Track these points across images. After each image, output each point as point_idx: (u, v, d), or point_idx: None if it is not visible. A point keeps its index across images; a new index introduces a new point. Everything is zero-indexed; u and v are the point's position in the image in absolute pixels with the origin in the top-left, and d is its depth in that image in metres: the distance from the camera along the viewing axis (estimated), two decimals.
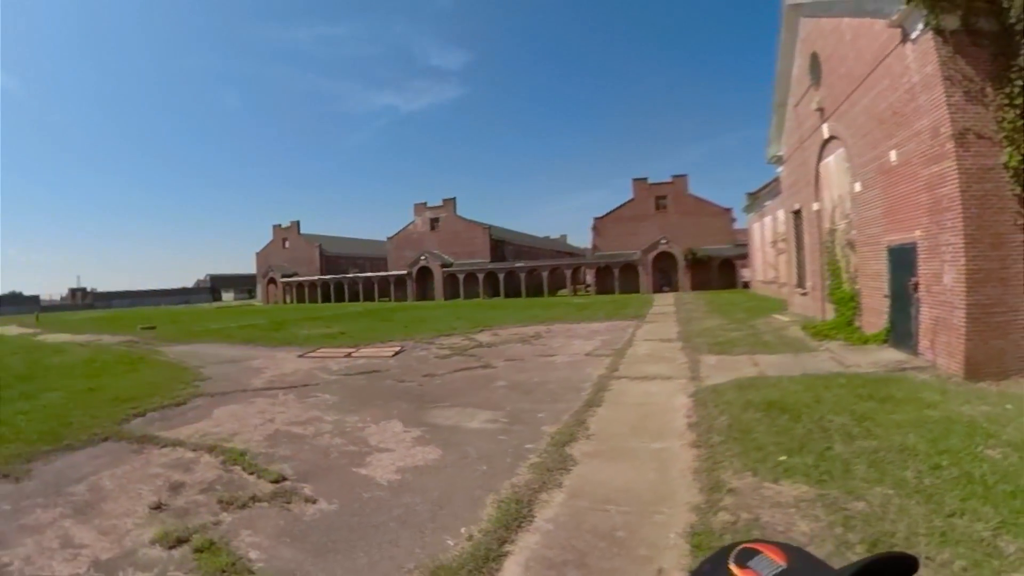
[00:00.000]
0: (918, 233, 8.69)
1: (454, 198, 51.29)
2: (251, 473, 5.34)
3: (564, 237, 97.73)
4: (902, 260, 9.26)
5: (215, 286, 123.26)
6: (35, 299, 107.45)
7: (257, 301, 70.98)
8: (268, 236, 67.20)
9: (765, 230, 26.90)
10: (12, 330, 36.16)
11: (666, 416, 6.26)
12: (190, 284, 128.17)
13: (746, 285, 37.08)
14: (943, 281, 8.04)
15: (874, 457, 4.39)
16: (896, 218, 9.51)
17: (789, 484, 3.96)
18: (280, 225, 66.59)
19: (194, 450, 6.30)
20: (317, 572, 3.40)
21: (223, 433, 6.98)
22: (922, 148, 8.41)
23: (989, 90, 7.91)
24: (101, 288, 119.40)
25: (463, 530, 3.73)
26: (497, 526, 3.69)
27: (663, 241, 41.28)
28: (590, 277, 45.35)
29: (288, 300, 61.07)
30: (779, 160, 18.01)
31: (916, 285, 8.80)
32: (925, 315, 8.60)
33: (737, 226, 42.70)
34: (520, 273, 46.33)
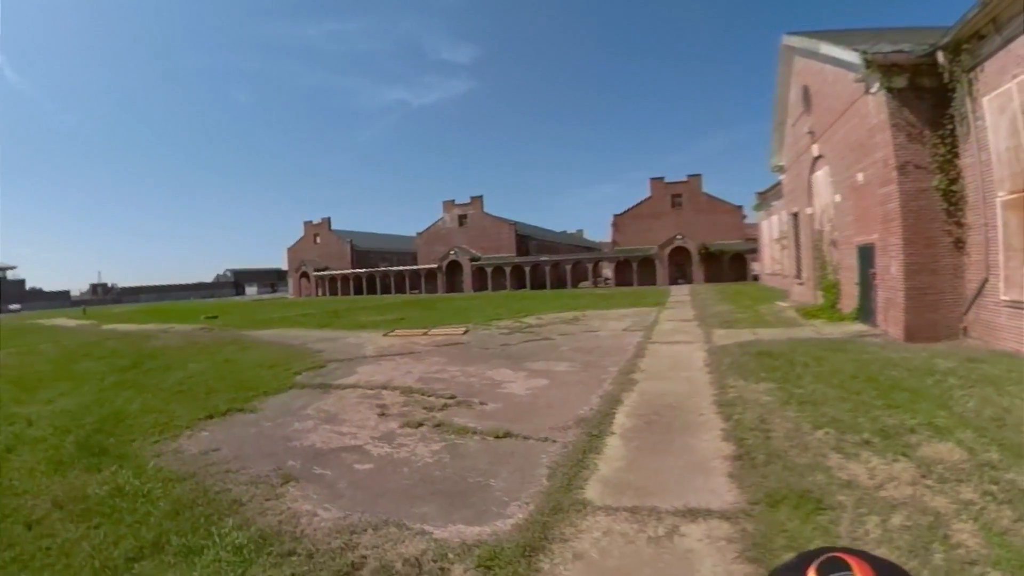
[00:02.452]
0: (875, 236, 11.66)
1: (481, 196, 54.84)
2: (428, 396, 8.35)
3: (581, 232, 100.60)
4: (866, 256, 12.24)
5: (238, 281, 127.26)
6: (64, 294, 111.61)
7: (288, 294, 74.66)
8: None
9: (772, 228, 29.75)
10: (69, 323, 37.33)
11: (689, 361, 9.37)
12: (203, 279, 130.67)
13: (756, 278, 39.92)
14: (891, 271, 11.01)
15: (818, 374, 7.46)
16: (862, 224, 12.48)
17: (763, 384, 7.06)
18: (311, 221, 70.22)
19: (371, 389, 9.22)
20: (517, 426, 6.27)
21: (380, 380, 9.96)
22: (878, 173, 11.36)
23: (927, 132, 10.83)
24: (114, 283, 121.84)
25: (585, 407, 6.84)
26: (604, 404, 6.81)
27: (679, 237, 44.30)
28: (610, 271, 48.50)
29: (320, 293, 64.62)
30: (780, 169, 20.94)
31: (874, 275, 11.79)
32: (880, 297, 11.59)
33: (748, 222, 45.53)
34: (545, 267, 49.64)
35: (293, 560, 3.53)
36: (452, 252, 53.89)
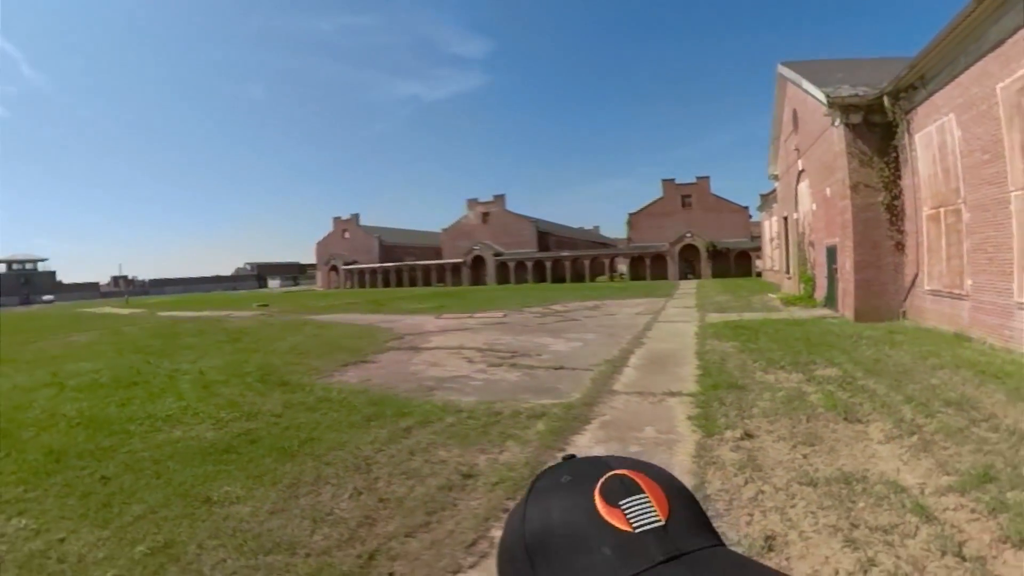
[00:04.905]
0: (837, 239, 14.74)
1: (503, 195, 58.45)
2: (497, 352, 11.59)
3: (597, 228, 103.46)
4: (832, 255, 15.32)
5: (260, 274, 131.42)
6: (94, 286, 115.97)
7: (316, 286, 78.53)
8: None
9: (772, 228, 32.69)
10: (121, 311, 39.78)
11: (684, 333, 12.61)
12: (220, 272, 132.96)
13: (759, 274, 42.79)
14: (846, 267, 14.09)
15: (772, 338, 10.66)
16: (829, 229, 15.56)
17: (731, 343, 10.30)
18: (340, 217, 73.98)
19: (453, 349, 12.48)
20: (566, 364, 9.54)
21: (455, 344, 13.20)
22: (838, 190, 14.42)
23: (876, 159, 13.85)
24: (135, 275, 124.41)
25: (609, 355, 10.11)
26: (622, 354, 10.08)
27: (688, 235, 47.35)
28: (625, 266, 51.68)
29: (349, 286, 68.30)
30: (776, 178, 23.97)
31: (836, 270, 14.89)
32: (839, 287, 14.69)
33: (754, 221, 48.39)
34: (565, 262, 53.02)
35: (463, 412, 6.75)
36: (476, 247, 57.39)
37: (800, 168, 18.96)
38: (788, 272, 22.40)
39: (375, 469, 4.78)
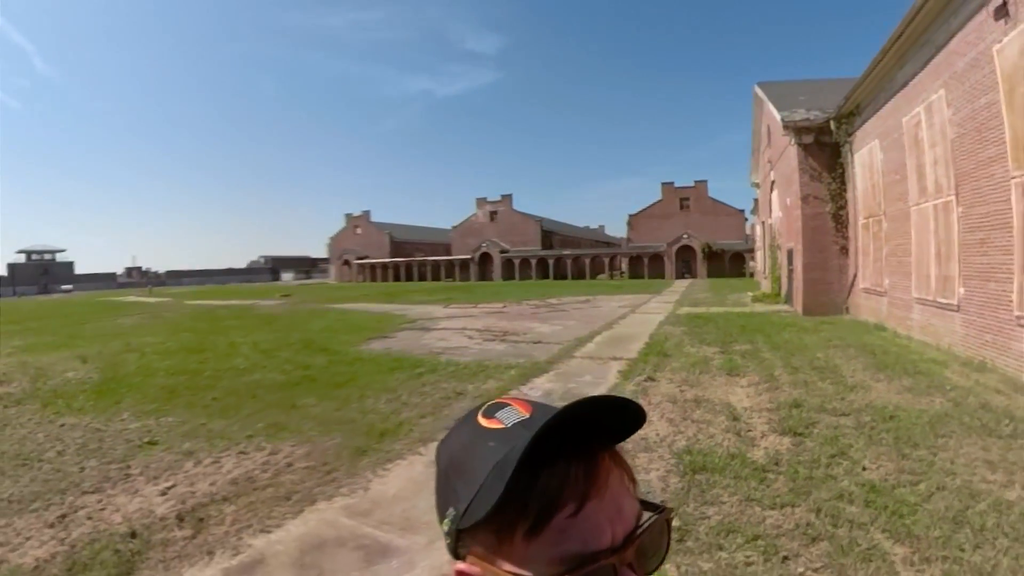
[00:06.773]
0: (792, 244, 17.00)
1: (511, 195, 60.91)
2: (492, 332, 14.01)
3: (602, 227, 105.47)
4: (789, 257, 17.59)
5: (275, 267, 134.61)
6: (111, 276, 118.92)
7: (330, 279, 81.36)
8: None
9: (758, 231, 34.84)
10: (148, 300, 42.53)
11: (650, 321, 14.99)
12: (231, 264, 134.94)
13: (752, 275, 44.84)
14: (797, 268, 16.36)
15: (719, 326, 13.00)
16: (789, 235, 17.82)
17: (680, 328, 12.67)
18: (352, 214, 76.73)
19: (457, 329, 14.98)
20: (544, 339, 12.06)
21: (459, 326, 15.69)
22: (794, 201, 16.68)
23: (825, 174, 16.09)
24: (149, 267, 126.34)
25: (579, 335, 12.51)
26: (590, 335, 12.49)
27: (685, 236, 49.56)
28: (624, 264, 53.96)
29: (361, 279, 71.05)
30: (756, 186, 26.19)
31: (791, 272, 17.16)
32: (793, 286, 16.96)
33: (751, 223, 50.43)
34: (567, 260, 55.44)
35: (461, 365, 9.21)
36: (484, 244, 60.00)
37: (772, 179, 21.19)
38: (764, 272, 24.64)
39: (399, 391, 7.27)
